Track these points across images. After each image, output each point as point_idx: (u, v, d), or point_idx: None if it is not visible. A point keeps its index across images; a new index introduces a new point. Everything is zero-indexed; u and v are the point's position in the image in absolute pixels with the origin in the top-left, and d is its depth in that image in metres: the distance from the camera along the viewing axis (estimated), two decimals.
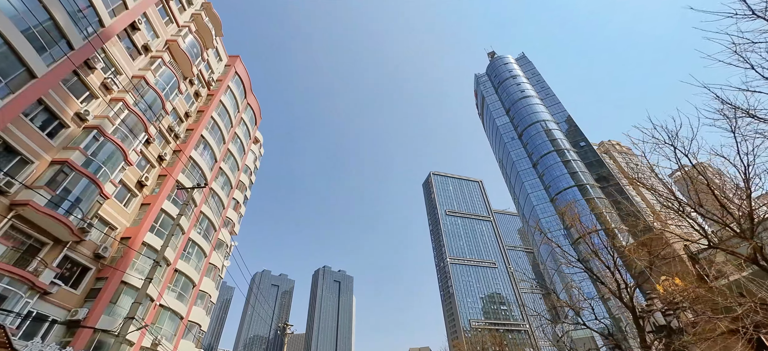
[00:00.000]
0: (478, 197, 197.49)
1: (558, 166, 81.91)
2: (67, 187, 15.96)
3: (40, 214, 14.40)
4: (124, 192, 20.95)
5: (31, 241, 15.08)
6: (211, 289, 31.84)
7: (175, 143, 25.58)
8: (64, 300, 16.54)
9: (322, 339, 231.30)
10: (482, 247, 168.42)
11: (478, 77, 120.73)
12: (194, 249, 27.80)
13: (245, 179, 39.68)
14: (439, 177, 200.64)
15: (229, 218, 35.24)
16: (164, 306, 23.69)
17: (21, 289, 14.03)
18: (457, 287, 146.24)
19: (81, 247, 17.52)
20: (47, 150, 15.53)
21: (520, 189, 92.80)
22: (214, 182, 31.33)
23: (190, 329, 27.93)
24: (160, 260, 13.50)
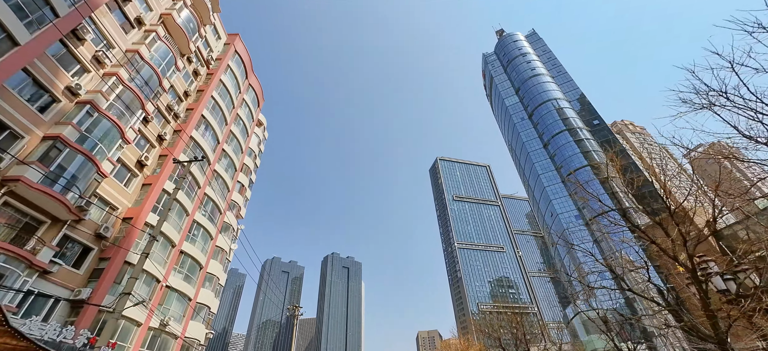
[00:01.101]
0: (485, 182, 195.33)
1: (570, 145, 79.39)
2: (62, 164, 15.33)
3: (33, 191, 13.82)
4: (123, 172, 20.37)
5: (27, 218, 14.58)
6: (219, 272, 31.70)
7: (175, 123, 24.81)
8: (66, 279, 16.19)
9: (333, 323, 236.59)
10: (490, 231, 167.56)
11: (486, 57, 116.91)
12: (200, 231, 27.44)
13: (250, 163, 39.05)
14: (446, 162, 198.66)
15: (234, 201, 34.80)
16: (171, 287, 23.48)
17: (18, 267, 13.61)
18: (465, 271, 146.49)
19: (81, 226, 17.05)
20: (38, 125, 14.84)
21: (530, 171, 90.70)
22: (218, 164, 30.70)
23: (198, 311, 27.89)
24: (157, 235, 12.86)
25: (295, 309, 36.76)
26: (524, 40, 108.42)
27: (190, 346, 27.59)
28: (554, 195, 79.89)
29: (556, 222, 78.92)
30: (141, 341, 20.58)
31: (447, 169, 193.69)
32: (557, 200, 79.35)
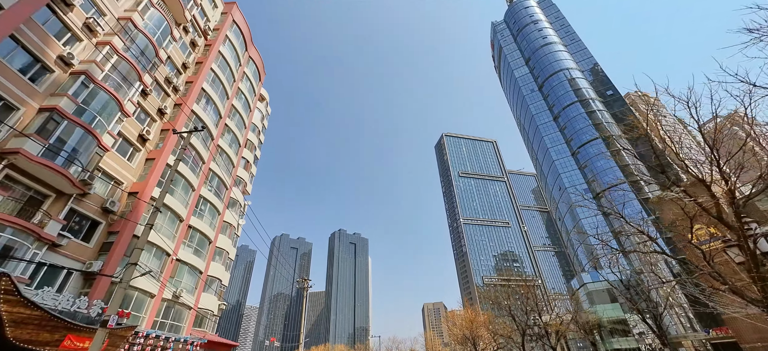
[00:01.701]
0: (492, 158, 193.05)
1: (581, 117, 76.89)
2: (62, 138, 14.99)
3: (34, 164, 13.57)
4: (126, 146, 20.07)
5: (31, 192, 14.46)
6: (229, 246, 32.15)
7: (175, 96, 24.17)
8: (77, 252, 16.33)
9: (341, 296, 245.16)
10: (496, 207, 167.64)
11: (495, 25, 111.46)
12: (206, 206, 27.49)
13: (254, 138, 38.57)
14: (451, 138, 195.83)
15: (240, 177, 34.69)
16: (181, 260, 23.82)
17: (27, 240, 13.63)
18: (470, 246, 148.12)
19: (87, 200, 16.99)
20: (33, 96, 14.36)
21: (538, 144, 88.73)
22: (221, 139, 30.29)
23: (210, 284, 28.52)
24: (160, 206, 12.62)
25: (305, 282, 37.53)
26: (536, 6, 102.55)
27: (204, 317, 28.49)
28: (563, 169, 78.43)
29: (564, 196, 77.99)
30: (155, 311, 21.14)
31: (453, 145, 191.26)
32: (566, 174, 77.99)
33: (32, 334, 12.29)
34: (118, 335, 16.29)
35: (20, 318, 11.88)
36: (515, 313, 23.63)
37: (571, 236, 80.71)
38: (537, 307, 21.01)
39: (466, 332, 34.20)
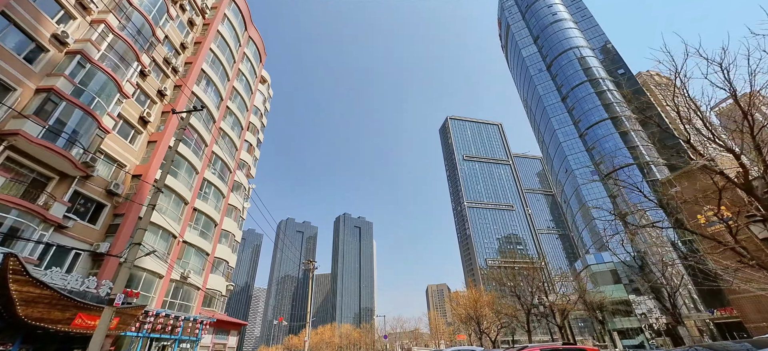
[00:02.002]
0: (497, 141, 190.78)
1: (591, 97, 74.87)
2: (61, 119, 14.80)
3: (34, 146, 13.45)
4: (127, 128, 19.89)
5: (34, 174, 14.43)
6: (234, 229, 32.44)
7: (174, 77, 23.74)
8: (84, 234, 16.48)
9: (347, 278, 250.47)
10: (500, 190, 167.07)
11: (503, 2, 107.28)
12: (211, 189, 27.55)
13: (256, 121, 38.20)
14: (456, 121, 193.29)
15: (243, 161, 34.60)
16: (188, 242, 24.08)
17: (33, 221, 13.70)
18: (474, 229, 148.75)
19: (91, 183, 16.99)
20: (29, 76, 14.09)
21: (545, 126, 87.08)
22: (223, 122, 30.00)
23: (217, 265, 28.97)
24: (161, 187, 12.50)
25: (311, 264, 38.03)
26: None
27: (213, 297, 29.12)
28: (570, 151, 77.14)
29: (571, 178, 77.11)
30: (164, 292, 21.56)
31: (457, 128, 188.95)
32: (573, 156, 76.77)
33: (43, 312, 12.52)
34: (129, 314, 16.63)
35: (30, 297, 12.07)
36: (520, 293, 23.75)
37: (576, 218, 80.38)
38: (544, 286, 21.01)
39: (470, 312, 34.71)
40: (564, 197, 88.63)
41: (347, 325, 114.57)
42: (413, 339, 71.56)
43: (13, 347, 12.53)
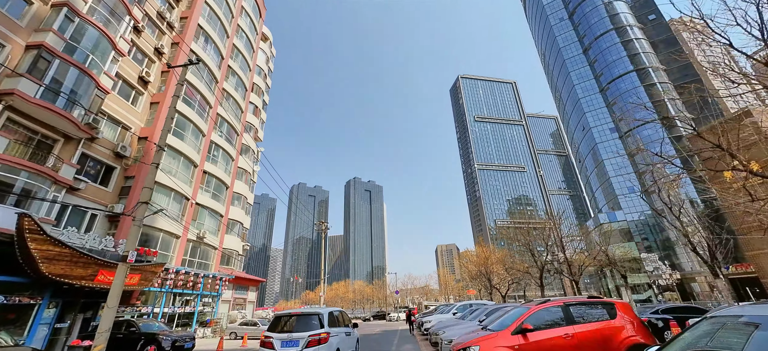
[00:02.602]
0: (510, 100, 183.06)
1: (615, 48, 69.28)
2: (57, 78, 14.27)
3: (33, 106, 13.10)
4: (127, 89, 19.33)
5: (38, 136, 14.27)
6: (246, 192, 32.86)
7: (170, 34, 22.55)
8: (97, 196, 16.69)
9: (358, 240, 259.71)
10: (512, 151, 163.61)
11: None
12: (219, 152, 27.42)
13: (260, 82, 37.01)
14: (468, 80, 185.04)
15: (250, 123, 34.06)
16: (200, 204, 24.47)
17: (44, 183, 13.78)
18: (484, 191, 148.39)
19: (97, 145, 16.87)
20: (16, 31, 13.37)
21: (564, 81, 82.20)
22: (226, 82, 29.05)
23: (232, 227, 29.71)
24: (163, 145, 12.12)
25: (323, 225, 38.81)
26: None
27: (230, 256, 30.28)
28: (588, 107, 73.27)
29: (588, 136, 74.08)
30: (182, 251, 22.34)
31: (469, 87, 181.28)
32: (591, 113, 73.06)
33: (66, 269, 12.97)
34: (149, 271, 17.28)
35: (51, 255, 12.42)
36: (534, 248, 23.67)
37: (591, 178, 78.47)
38: (561, 242, 20.75)
39: (481, 268, 35.45)
40: (579, 157, 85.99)
41: (360, 282, 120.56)
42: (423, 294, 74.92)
43: (43, 301, 13.21)
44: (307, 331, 7.58)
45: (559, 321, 6.22)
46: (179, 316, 21.72)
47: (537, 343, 5.91)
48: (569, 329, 6.04)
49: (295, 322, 8.01)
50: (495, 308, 10.93)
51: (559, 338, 5.95)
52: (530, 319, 6.25)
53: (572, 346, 5.87)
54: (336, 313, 9.00)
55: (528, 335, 5.99)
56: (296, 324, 7.92)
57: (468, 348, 6.08)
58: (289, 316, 8.32)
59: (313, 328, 7.70)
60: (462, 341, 6.48)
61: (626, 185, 67.17)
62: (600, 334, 6.00)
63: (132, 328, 12.64)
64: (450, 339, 8.58)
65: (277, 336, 7.64)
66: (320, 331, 7.60)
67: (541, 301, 6.80)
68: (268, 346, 7.55)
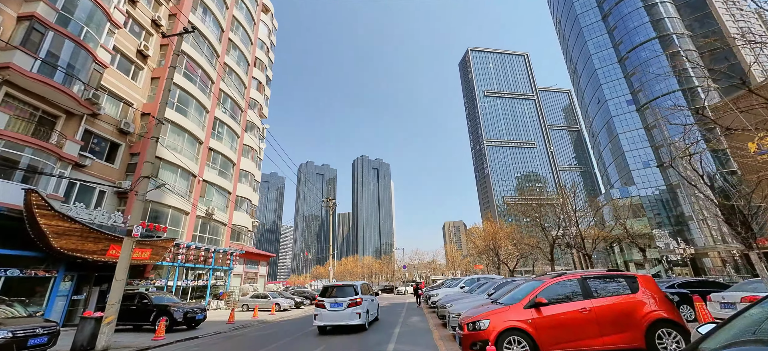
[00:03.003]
0: (521, 74, 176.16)
1: (638, 13, 64.89)
2: (52, 52, 13.87)
3: (30, 80, 12.81)
4: (126, 63, 18.88)
5: (39, 112, 14.10)
6: (253, 169, 32.85)
7: (167, 4, 21.68)
8: (104, 173, 16.72)
9: (367, 217, 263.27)
10: (522, 127, 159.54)
11: None
12: (224, 129, 27.15)
13: (263, 56, 36.01)
14: (478, 53, 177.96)
15: (254, 99, 33.48)
16: (208, 181, 24.54)
17: (49, 159, 13.76)
18: (492, 168, 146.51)
19: (100, 122, 16.70)
20: (6, 2, 12.85)
21: (580, 51, 78.11)
22: (228, 57, 28.27)
23: (240, 204, 29.96)
24: (162, 118, 11.82)
25: (330, 201, 38.96)
26: None
27: (240, 232, 30.77)
28: (605, 78, 69.86)
29: (603, 110, 71.18)
30: (192, 227, 22.65)
31: (479, 61, 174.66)
32: (608, 84, 69.75)
33: (77, 244, 13.19)
34: (160, 246, 17.58)
35: (61, 230, 12.58)
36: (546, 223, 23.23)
37: (604, 153, 76.16)
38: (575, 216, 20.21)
39: (489, 243, 35.39)
40: (592, 131, 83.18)
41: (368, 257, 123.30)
42: (430, 269, 76.17)
43: (58, 274, 13.57)
44: (347, 296, 10.93)
45: (576, 295, 5.85)
46: (193, 289, 22.39)
47: (551, 318, 5.58)
48: (586, 303, 5.68)
49: (338, 290, 11.28)
50: (504, 282, 10.67)
51: (576, 313, 5.60)
52: (545, 292, 5.89)
53: (590, 321, 5.53)
54: (365, 284, 12.49)
55: (542, 309, 5.66)
56: (338, 291, 11.22)
57: (478, 322, 5.81)
58: (334, 286, 11.49)
59: (351, 294, 11.03)
60: (471, 315, 6.21)
61: (641, 160, 65.12)
62: (620, 308, 5.62)
63: (144, 300, 12.92)
64: (458, 312, 8.38)
65: (327, 300, 10.99)
66: (356, 296, 10.93)
67: (556, 274, 6.41)
68: (321, 306, 10.91)
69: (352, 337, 10.01)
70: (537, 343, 5.43)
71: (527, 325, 5.53)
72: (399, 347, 7.98)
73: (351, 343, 8.85)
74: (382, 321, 13.72)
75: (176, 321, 12.22)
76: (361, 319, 10.67)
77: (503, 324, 5.60)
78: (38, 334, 7.68)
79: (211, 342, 10.47)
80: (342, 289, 11.26)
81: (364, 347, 8.23)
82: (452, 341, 8.33)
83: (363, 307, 10.83)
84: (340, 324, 10.69)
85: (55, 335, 8.18)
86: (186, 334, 11.64)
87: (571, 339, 5.47)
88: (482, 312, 6.12)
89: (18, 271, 12.31)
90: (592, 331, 5.48)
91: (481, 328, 5.70)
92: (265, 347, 8.92)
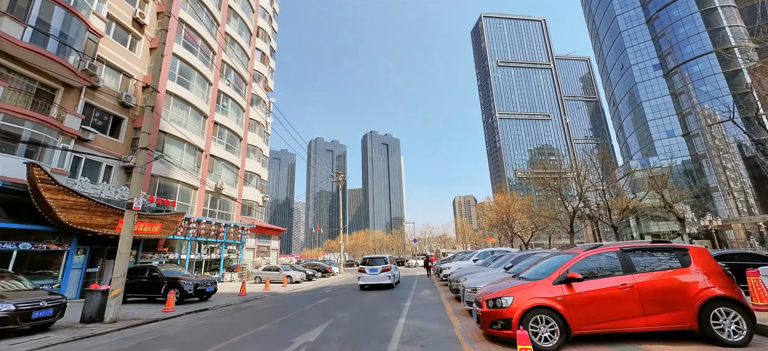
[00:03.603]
0: (538, 41, 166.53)
1: None
2: (43, 19, 13.19)
3: (21, 49, 12.25)
4: (122, 33, 18.09)
5: (36, 84, 13.67)
6: (261, 144, 32.46)
7: None
8: (109, 147, 16.49)
9: (377, 192, 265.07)
10: (537, 99, 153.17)
11: None
12: (229, 102, 26.50)
13: (265, 26, 34.50)
14: (491, 19, 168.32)
15: (258, 71, 32.45)
16: (215, 156, 24.28)
17: (51, 133, 13.48)
18: (504, 141, 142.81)
19: (100, 95, 16.24)
20: None
21: (604, 12, 72.45)
22: (228, 26, 27.07)
23: (249, 179, 29.86)
24: (156, 86, 11.17)
25: (339, 175, 38.63)
26: None
27: (251, 207, 30.94)
28: (631, 41, 64.99)
29: (626, 75, 66.81)
30: (202, 202, 22.68)
31: (492, 27, 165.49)
32: (633, 47, 64.98)
33: (85, 218, 13.13)
34: (170, 220, 17.58)
35: (67, 204, 12.47)
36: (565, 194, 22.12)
37: (625, 122, 72.38)
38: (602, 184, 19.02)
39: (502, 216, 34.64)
40: (613, 100, 78.75)
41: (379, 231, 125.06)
42: (441, 243, 76.58)
43: (70, 248, 13.69)
44: (380, 265, 15.62)
45: (615, 269, 5.09)
46: (207, 262, 22.79)
47: (586, 295, 4.87)
48: (628, 279, 4.92)
49: (373, 260, 16.01)
50: (522, 255, 9.99)
51: (615, 289, 4.87)
52: (577, 266, 5.15)
53: (631, 299, 4.79)
54: (391, 257, 18.88)
55: (574, 285, 4.95)
56: (374, 261, 15.96)
57: (499, 299, 5.16)
58: (371, 258, 16.32)
59: (382, 264, 15.70)
60: (491, 291, 5.57)
61: (665, 129, 61.63)
62: (668, 284, 4.85)
63: (155, 273, 12.94)
64: (474, 287, 7.80)
65: (367, 267, 15.72)
66: (386, 264, 15.67)
67: (590, 246, 5.64)
68: (362, 271, 15.61)
69: (382, 292, 13.16)
70: (568, 322, 4.77)
71: (557, 303, 4.86)
72: (410, 322, 7.54)
73: (381, 297, 8.48)
74: (396, 289, 15.14)
75: (186, 293, 12.21)
76: (391, 280, 15.42)
77: (529, 301, 4.93)
78: (42, 307, 7.55)
79: (219, 314, 10.37)
80: (376, 260, 15.95)
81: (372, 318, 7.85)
82: (467, 317, 7.83)
83: (391, 273, 15.60)
84: (376, 283, 15.31)
85: (61, 308, 8.08)
86: (197, 306, 11.63)
87: (609, 318, 4.78)
88: (503, 287, 5.47)
89: (29, 244, 12.40)
90: (634, 310, 4.76)
91: (503, 306, 5.07)
92: (271, 320, 8.68)
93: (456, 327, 6.73)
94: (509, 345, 5.09)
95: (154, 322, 9.22)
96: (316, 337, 6.37)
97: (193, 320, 9.35)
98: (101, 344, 6.74)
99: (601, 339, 5.09)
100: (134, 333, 7.80)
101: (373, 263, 15.63)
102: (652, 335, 5.07)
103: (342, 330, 7.00)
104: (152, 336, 7.37)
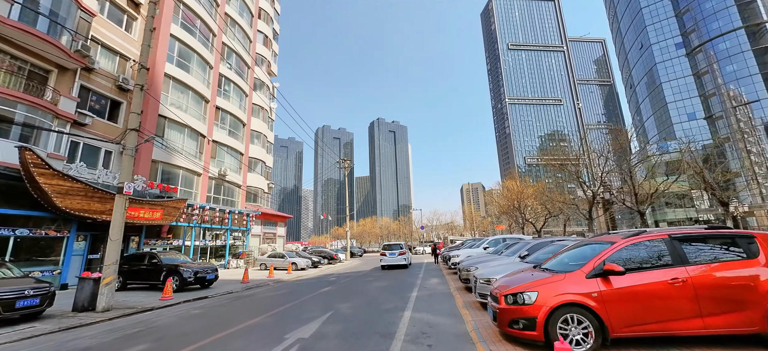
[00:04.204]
0: (551, 22, 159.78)
1: None
2: None
3: (8, 28, 11.69)
4: (117, 12, 17.40)
5: (28, 66, 13.16)
6: (265, 130, 31.90)
7: None
8: (107, 132, 16.05)
9: (384, 180, 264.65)
10: (548, 83, 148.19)
11: None
12: (230, 86, 25.83)
13: (267, 7, 33.35)
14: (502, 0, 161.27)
15: (260, 55, 31.55)
16: (217, 141, 23.81)
17: (45, 117, 13.06)
18: (514, 127, 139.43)
19: (96, 77, 15.70)
20: None
21: None
22: (228, 6, 26.12)
23: (254, 166, 29.45)
24: (145, 63, 10.52)
25: (345, 162, 37.99)
26: None
27: (256, 194, 30.65)
28: (652, 18, 61.41)
29: (646, 55, 63.43)
30: (205, 188, 22.36)
31: (503, 8, 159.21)
32: (654, 25, 61.42)
33: (83, 204, 12.80)
34: (172, 206, 17.26)
35: (63, 189, 12.12)
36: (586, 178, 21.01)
37: (642, 106, 69.22)
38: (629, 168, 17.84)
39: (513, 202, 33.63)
40: (630, 82, 75.22)
41: (386, 219, 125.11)
42: (448, 230, 75.99)
43: (69, 234, 13.45)
44: (397, 249, 19.85)
45: (662, 261, 4.25)
46: (212, 249, 22.66)
47: (627, 291, 4.07)
48: (679, 272, 4.09)
49: (392, 246, 20.39)
50: (540, 243, 9.17)
51: (663, 284, 4.05)
52: (615, 256, 4.34)
53: (684, 297, 3.97)
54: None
55: (612, 279, 4.15)
56: (391, 247, 20.24)
57: (521, 294, 4.41)
58: (390, 244, 20.69)
59: (399, 248, 20.04)
60: (510, 284, 4.81)
61: (686, 111, 58.63)
62: (730, 279, 4.01)
63: (154, 260, 12.61)
64: (487, 277, 7.06)
65: (387, 251, 19.89)
66: (402, 249, 19.99)
67: (632, 233, 4.78)
68: (383, 254, 19.79)
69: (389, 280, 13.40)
70: (605, 323, 4.00)
71: (592, 300, 4.08)
72: (416, 316, 6.88)
73: (386, 286, 7.88)
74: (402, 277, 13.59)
75: (186, 281, 11.86)
76: (406, 261, 19.60)
77: (557, 297, 4.17)
78: (27, 296, 7.16)
79: (217, 303, 9.95)
80: (393, 246, 20.32)
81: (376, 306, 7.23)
82: (479, 309, 7.13)
83: (406, 256, 19.95)
84: (394, 264, 19.28)
85: (49, 296, 7.70)
86: (196, 294, 11.27)
87: (656, 319, 3.99)
88: (525, 281, 4.70)
89: (27, 231, 12.16)
90: (688, 310, 3.95)
91: (526, 303, 4.32)
92: (269, 311, 8.16)
93: (468, 322, 6.04)
94: (532, 348, 4.36)
95: (148, 311, 8.82)
96: (312, 333, 5.77)
97: (189, 310, 8.92)
98: (84, 336, 6.30)
99: (644, 343, 4.31)
100: (124, 323, 7.38)
101: (392, 249, 19.99)
102: (708, 339, 4.26)
103: (341, 324, 6.40)
104: (140, 327, 6.92)
